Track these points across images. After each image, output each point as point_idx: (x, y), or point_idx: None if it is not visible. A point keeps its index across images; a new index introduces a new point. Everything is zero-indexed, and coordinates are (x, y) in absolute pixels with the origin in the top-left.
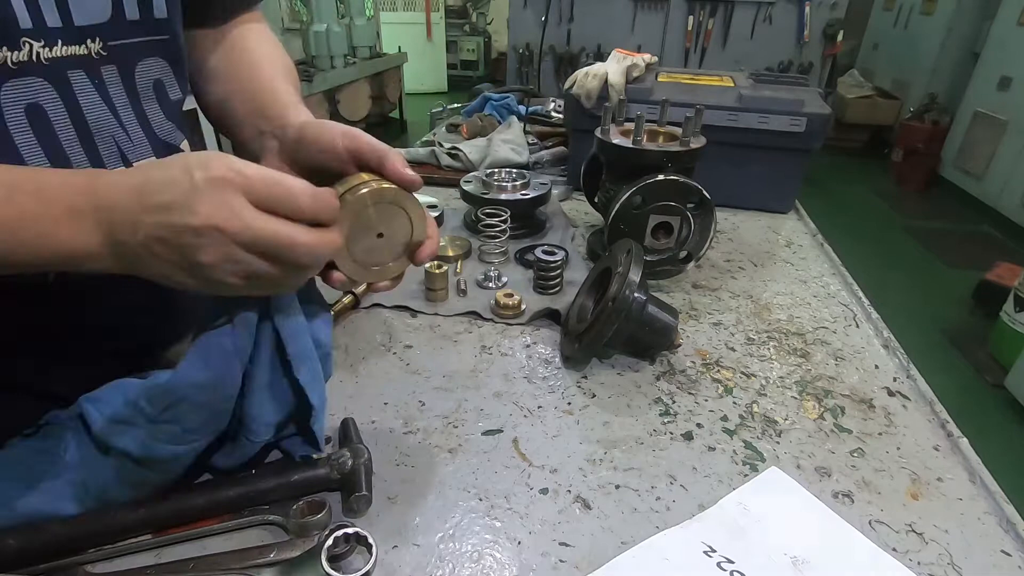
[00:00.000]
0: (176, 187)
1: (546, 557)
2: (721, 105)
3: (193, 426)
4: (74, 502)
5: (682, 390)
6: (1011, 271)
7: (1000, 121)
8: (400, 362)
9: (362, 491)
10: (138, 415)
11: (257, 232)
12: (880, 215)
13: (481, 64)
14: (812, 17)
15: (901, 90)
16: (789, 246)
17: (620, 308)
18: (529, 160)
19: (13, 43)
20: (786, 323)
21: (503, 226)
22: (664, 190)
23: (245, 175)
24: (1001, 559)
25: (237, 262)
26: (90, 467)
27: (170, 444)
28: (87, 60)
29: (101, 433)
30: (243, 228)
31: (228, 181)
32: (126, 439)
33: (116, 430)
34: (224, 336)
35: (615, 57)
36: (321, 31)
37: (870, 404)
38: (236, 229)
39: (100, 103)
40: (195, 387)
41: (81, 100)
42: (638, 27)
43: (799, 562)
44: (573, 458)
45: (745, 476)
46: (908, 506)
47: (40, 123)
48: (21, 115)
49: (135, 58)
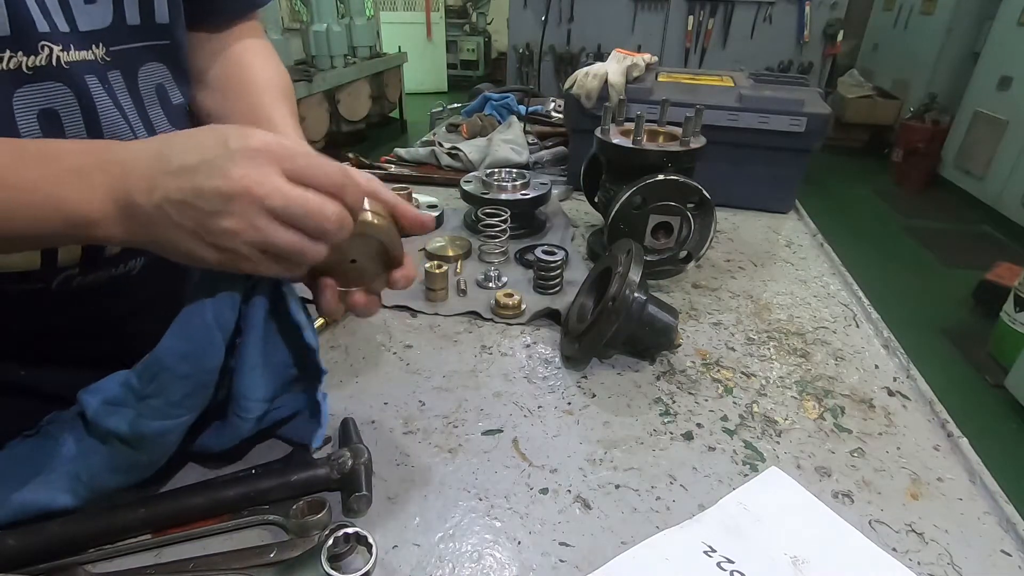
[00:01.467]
0: (206, 151)
1: (546, 557)
2: (721, 105)
3: (176, 398)
4: (69, 494)
5: (682, 390)
6: (1011, 271)
7: (1000, 121)
8: (400, 362)
9: (362, 491)
10: (128, 394)
11: (289, 196)
12: (880, 215)
13: (481, 64)
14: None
15: (901, 90)
16: (789, 246)
17: (620, 308)
18: (529, 160)
19: (30, 47)
20: (786, 323)
21: (503, 226)
22: (664, 190)
23: (286, 147)
24: (1001, 559)
25: (259, 229)
26: (85, 456)
27: (157, 420)
28: (95, 65)
29: (95, 417)
30: (274, 190)
31: (269, 152)
32: (116, 419)
33: (108, 411)
34: (205, 308)
35: (615, 57)
36: (321, 31)
37: (870, 404)
38: (267, 191)
39: (112, 107)
40: (176, 357)
41: (97, 103)
42: (638, 27)
43: (799, 562)
44: (573, 458)
45: (745, 476)
46: (908, 506)
47: (53, 130)
48: (34, 121)
49: (137, 63)
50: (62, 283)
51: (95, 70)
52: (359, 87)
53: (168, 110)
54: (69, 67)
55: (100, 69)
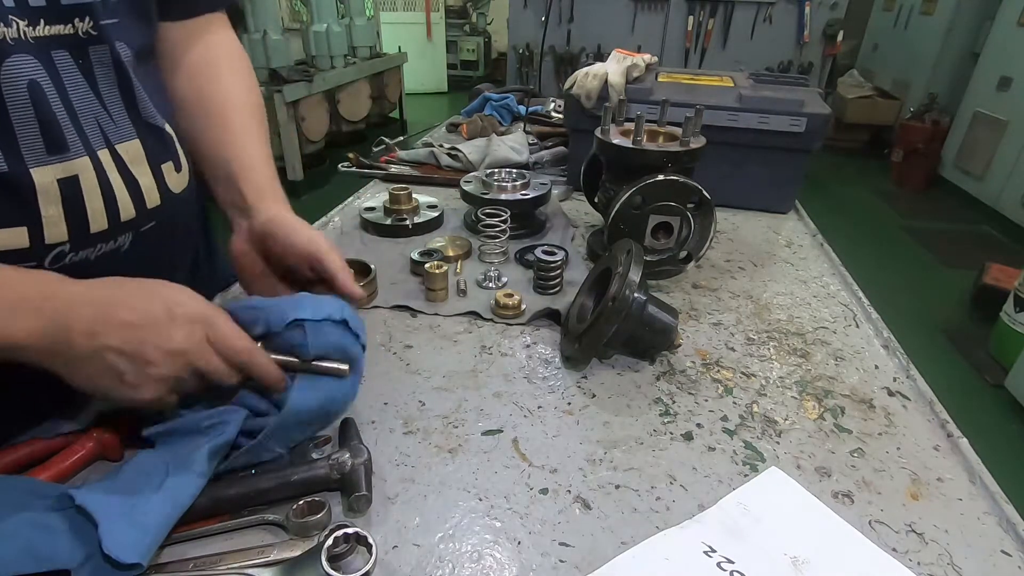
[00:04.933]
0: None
1: (546, 557)
2: (721, 105)
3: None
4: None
5: (682, 390)
6: (1005, 272)
7: (1000, 121)
8: (400, 362)
9: (362, 491)
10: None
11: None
12: (880, 215)
13: (481, 64)
14: (812, 17)
15: (901, 90)
16: (789, 246)
17: (620, 308)
18: (529, 160)
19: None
20: (786, 323)
21: (503, 226)
22: (664, 190)
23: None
24: (1001, 559)
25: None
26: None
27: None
28: (73, 39)
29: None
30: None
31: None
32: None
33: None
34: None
35: (615, 57)
36: (321, 31)
37: (870, 404)
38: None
39: (84, 84)
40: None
41: (65, 81)
42: (638, 27)
43: (799, 562)
44: (573, 458)
45: (745, 476)
46: (908, 506)
47: (40, 101)
48: (24, 91)
49: (122, 36)
50: (55, 260)
51: (69, 45)
52: (359, 87)
53: (148, 85)
54: (35, 42)
55: (80, 44)
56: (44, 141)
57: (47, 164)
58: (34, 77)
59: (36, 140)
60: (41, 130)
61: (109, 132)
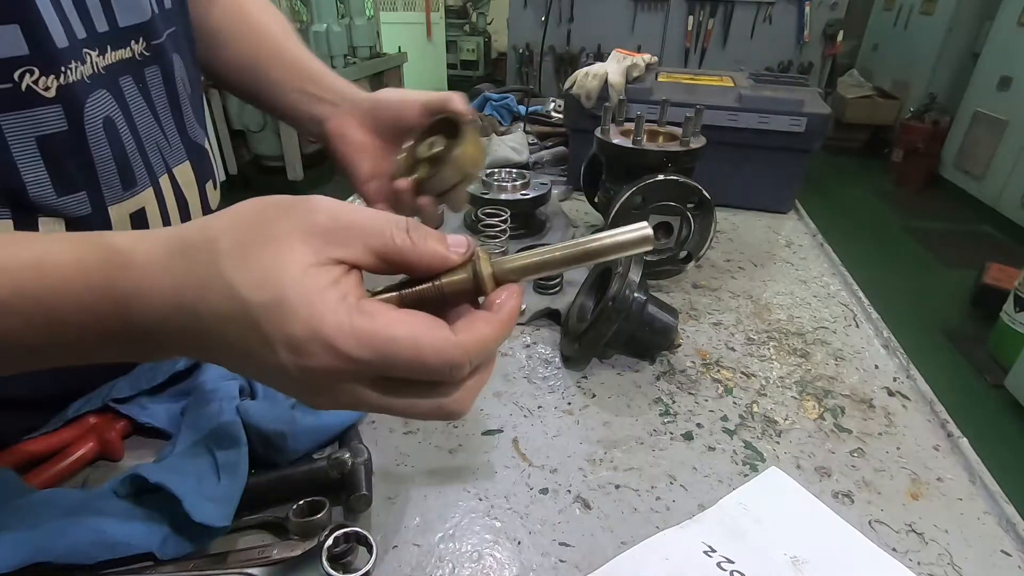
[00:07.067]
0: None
1: (546, 557)
2: (721, 105)
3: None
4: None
5: (682, 390)
6: (1005, 272)
7: (1000, 121)
8: None
9: (362, 491)
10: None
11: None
12: (880, 215)
13: (481, 64)
14: (812, 17)
15: (901, 90)
16: (789, 246)
17: (620, 308)
18: (529, 160)
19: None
20: (786, 323)
21: (503, 226)
22: (664, 190)
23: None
24: (1001, 559)
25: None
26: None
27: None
28: (132, 63)
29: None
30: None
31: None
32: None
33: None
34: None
35: (615, 57)
36: (321, 31)
37: (870, 404)
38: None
39: (146, 110)
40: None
41: (132, 111)
42: (638, 27)
43: (799, 562)
44: (573, 458)
45: (745, 476)
46: (908, 506)
47: (115, 138)
48: (101, 130)
49: (171, 53)
50: None
51: (131, 70)
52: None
53: (193, 102)
54: (106, 71)
55: (138, 67)
56: (120, 179)
57: (122, 201)
58: (109, 114)
59: (113, 178)
60: (117, 168)
61: (167, 157)
